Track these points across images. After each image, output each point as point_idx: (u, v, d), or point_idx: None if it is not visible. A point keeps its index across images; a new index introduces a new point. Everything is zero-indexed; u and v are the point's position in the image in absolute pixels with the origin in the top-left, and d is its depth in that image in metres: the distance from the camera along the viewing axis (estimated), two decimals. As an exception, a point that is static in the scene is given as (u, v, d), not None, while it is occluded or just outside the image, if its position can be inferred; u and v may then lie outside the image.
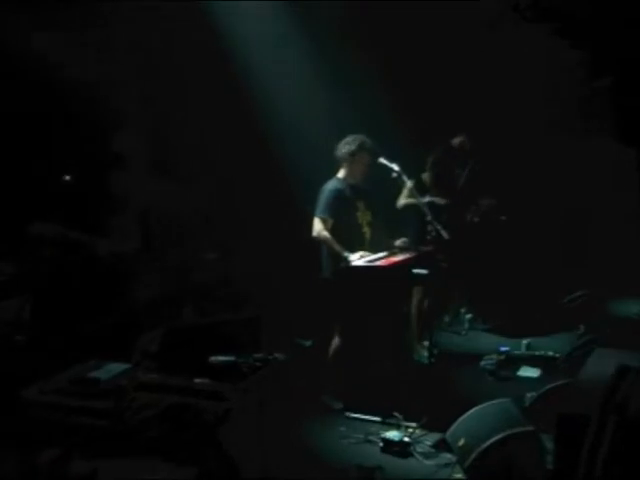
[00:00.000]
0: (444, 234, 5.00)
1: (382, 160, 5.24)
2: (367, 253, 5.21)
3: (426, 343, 6.04)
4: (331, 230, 5.25)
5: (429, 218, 5.00)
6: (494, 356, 6.17)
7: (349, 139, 5.31)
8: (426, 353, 5.85)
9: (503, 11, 5.68)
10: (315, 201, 5.30)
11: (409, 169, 5.50)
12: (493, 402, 4.52)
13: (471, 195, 6.77)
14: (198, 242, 6.65)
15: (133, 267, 5.83)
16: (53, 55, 5.79)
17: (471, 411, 4.44)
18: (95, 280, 5.49)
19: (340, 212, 5.27)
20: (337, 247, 5.20)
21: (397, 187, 5.80)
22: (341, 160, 5.34)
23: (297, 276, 6.91)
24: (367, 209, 5.42)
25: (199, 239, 6.75)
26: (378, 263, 5.08)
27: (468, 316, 7.28)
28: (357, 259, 5.12)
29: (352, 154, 5.29)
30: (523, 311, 7.22)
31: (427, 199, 6.12)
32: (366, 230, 5.39)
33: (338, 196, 5.25)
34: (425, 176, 6.36)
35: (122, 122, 6.29)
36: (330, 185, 5.32)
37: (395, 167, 5.21)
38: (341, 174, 5.37)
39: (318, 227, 5.23)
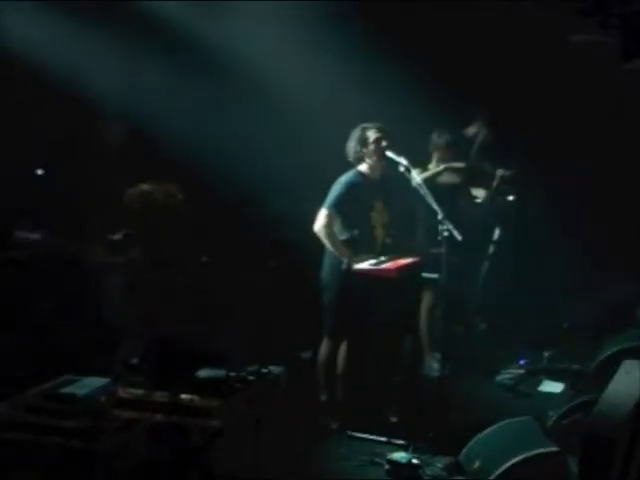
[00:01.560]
0: (456, 235, 4.99)
1: (388, 154, 5.23)
2: (371, 257, 5.20)
3: (437, 355, 6.03)
4: (337, 228, 5.23)
5: (440, 217, 4.99)
6: (512, 369, 6.15)
7: (359, 128, 5.28)
8: (437, 365, 5.84)
9: None
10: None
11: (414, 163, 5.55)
12: (511, 420, 4.51)
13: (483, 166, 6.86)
14: (190, 245, 6.64)
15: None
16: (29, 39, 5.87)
17: (487, 430, 4.43)
18: (76, 288, 5.48)
19: (350, 209, 5.23)
20: (341, 247, 5.18)
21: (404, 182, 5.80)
22: (358, 154, 5.29)
23: (296, 281, 6.92)
24: (386, 209, 5.38)
25: (191, 242, 6.75)
26: (383, 266, 5.07)
27: (483, 325, 7.27)
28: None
29: (362, 142, 5.25)
30: (545, 320, 7.20)
31: (443, 166, 6.22)
32: (379, 233, 5.36)
33: (351, 190, 5.21)
34: (432, 167, 6.38)
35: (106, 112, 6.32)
36: (344, 178, 5.28)
37: (403, 161, 5.19)
38: (362, 167, 5.32)
39: (322, 221, 5.19)
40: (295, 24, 6.86)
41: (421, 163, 6.19)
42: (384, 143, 5.21)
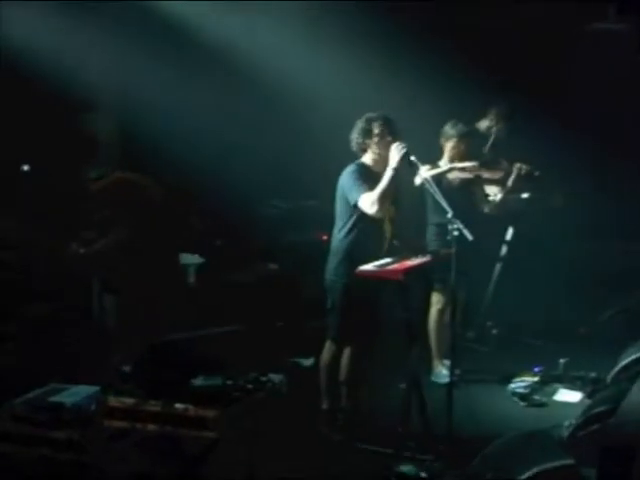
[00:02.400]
0: (467, 234, 4.98)
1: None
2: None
3: (446, 361, 6.02)
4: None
5: (450, 215, 4.98)
6: (526, 377, 6.14)
7: (365, 117, 5.25)
8: (446, 372, 5.82)
9: None
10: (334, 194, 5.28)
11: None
12: (525, 431, 4.50)
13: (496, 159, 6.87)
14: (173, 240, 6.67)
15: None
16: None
17: (499, 442, 4.42)
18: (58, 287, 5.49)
19: None
20: (383, 179, 5.12)
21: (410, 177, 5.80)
22: (360, 145, 5.27)
23: (296, 285, 6.92)
24: (392, 204, 5.36)
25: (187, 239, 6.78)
26: (390, 267, 5.06)
27: (495, 330, 7.26)
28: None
29: (366, 133, 5.22)
30: (561, 325, 7.19)
31: (448, 166, 6.27)
32: (387, 227, 5.35)
33: (360, 177, 5.19)
34: (443, 163, 6.38)
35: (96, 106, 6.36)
36: (349, 168, 5.26)
37: (411, 157, 5.18)
38: (365, 159, 5.30)
39: (368, 202, 5.09)
40: (300, 17, 6.90)
41: (430, 161, 6.20)
42: (389, 138, 5.20)
